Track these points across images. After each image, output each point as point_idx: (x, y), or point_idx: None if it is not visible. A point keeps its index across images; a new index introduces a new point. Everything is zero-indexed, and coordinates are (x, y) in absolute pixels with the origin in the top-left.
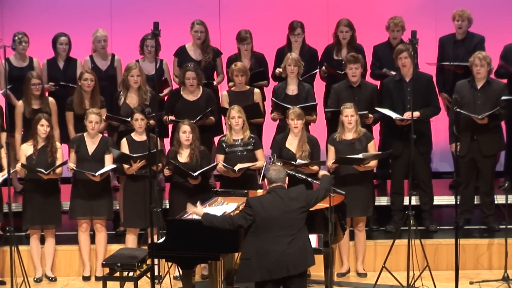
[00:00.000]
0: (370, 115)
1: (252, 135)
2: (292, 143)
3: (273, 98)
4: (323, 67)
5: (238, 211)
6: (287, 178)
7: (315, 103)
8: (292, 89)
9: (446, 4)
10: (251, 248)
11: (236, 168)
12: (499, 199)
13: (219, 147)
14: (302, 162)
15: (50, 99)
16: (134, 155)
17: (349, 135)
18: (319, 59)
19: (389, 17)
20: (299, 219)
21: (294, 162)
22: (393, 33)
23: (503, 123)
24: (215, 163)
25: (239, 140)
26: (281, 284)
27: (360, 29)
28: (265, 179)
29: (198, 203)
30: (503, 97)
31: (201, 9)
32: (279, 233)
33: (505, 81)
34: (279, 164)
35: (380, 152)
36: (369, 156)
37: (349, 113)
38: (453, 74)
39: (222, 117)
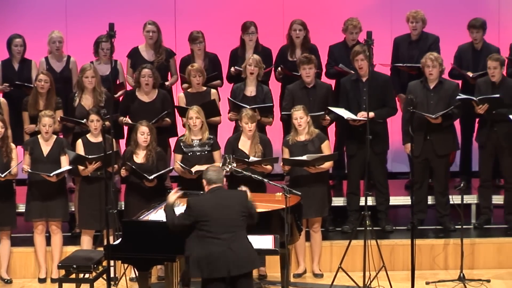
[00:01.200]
0: (327, 117)
1: (210, 136)
2: (244, 144)
3: (230, 98)
4: (279, 69)
5: None
6: (225, 179)
7: (271, 104)
8: (250, 90)
9: (401, 4)
10: (194, 247)
11: (193, 169)
12: (455, 199)
13: (177, 146)
14: (255, 159)
15: (2, 99)
16: (90, 156)
17: (301, 137)
18: (274, 60)
19: (345, 17)
20: (239, 220)
21: (247, 160)
22: (352, 34)
23: (456, 123)
24: (170, 167)
25: (198, 141)
26: (226, 284)
27: (316, 29)
28: (204, 180)
29: (176, 190)
30: (458, 97)
31: (156, 10)
32: (219, 234)
33: (459, 81)
34: (234, 163)
35: (325, 154)
36: (314, 158)
37: (298, 115)
38: (408, 74)
39: (177, 119)
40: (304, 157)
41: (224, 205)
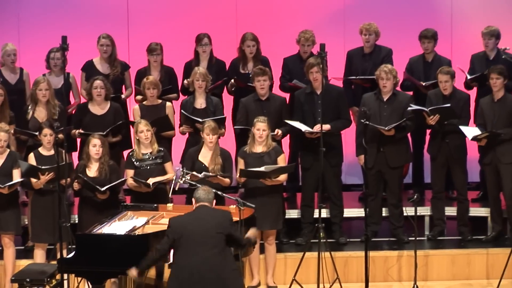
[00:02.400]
0: (279, 132)
1: (160, 148)
2: (205, 156)
3: (182, 111)
4: (232, 81)
5: (148, 225)
6: (214, 201)
7: (223, 116)
8: (200, 102)
9: (354, 16)
10: (174, 260)
11: (150, 182)
12: (408, 211)
13: (128, 162)
14: (209, 174)
15: None
16: (42, 167)
17: (258, 148)
18: (227, 71)
19: (298, 29)
20: (218, 239)
21: (199, 174)
22: (304, 47)
23: (407, 134)
24: (123, 178)
25: (148, 154)
26: None
27: (270, 41)
28: (193, 198)
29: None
30: (410, 108)
31: (109, 23)
32: (192, 248)
33: (410, 93)
34: (188, 176)
35: (283, 165)
36: (272, 169)
37: (261, 127)
38: (362, 87)
39: (131, 132)
40: (262, 168)
41: (201, 221)
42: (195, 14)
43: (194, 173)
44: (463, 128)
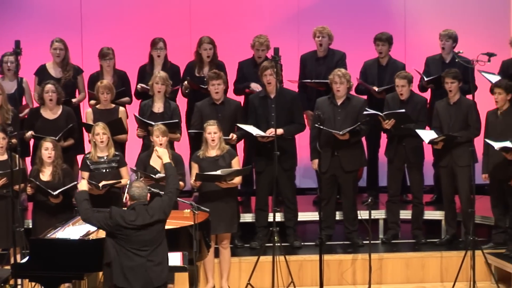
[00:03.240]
0: (234, 137)
1: (116, 153)
2: (156, 160)
3: (136, 115)
4: (185, 82)
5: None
6: (148, 194)
7: (177, 120)
8: (158, 107)
9: (308, 20)
10: (114, 255)
11: (101, 184)
12: (363, 214)
13: (84, 164)
14: (163, 175)
15: None
16: None
17: (212, 152)
18: (181, 76)
19: (253, 34)
20: (158, 233)
21: (154, 176)
22: (258, 51)
23: (364, 138)
24: (75, 182)
25: (104, 157)
26: None
27: (224, 45)
28: (127, 196)
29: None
30: (365, 112)
31: (62, 27)
32: (137, 248)
33: (365, 97)
34: (141, 179)
35: (239, 168)
36: (228, 172)
37: (212, 130)
38: (316, 91)
39: (84, 136)
40: (218, 172)
41: (143, 220)
42: (149, 18)
43: (146, 174)
44: (419, 132)
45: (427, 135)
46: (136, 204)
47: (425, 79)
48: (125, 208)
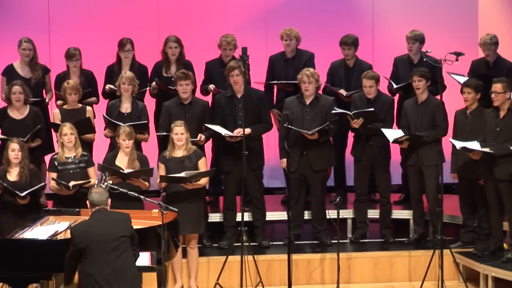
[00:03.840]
0: (202, 137)
1: (84, 153)
2: (122, 161)
3: (105, 115)
4: (153, 83)
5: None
6: (109, 200)
7: (146, 121)
8: (125, 107)
9: (276, 20)
10: (82, 268)
11: (71, 184)
12: (331, 214)
13: (51, 165)
14: (130, 170)
15: None
16: None
17: (179, 153)
18: (149, 76)
19: (220, 33)
20: (122, 243)
21: (122, 171)
22: (225, 51)
23: (332, 138)
24: (43, 183)
25: (72, 158)
26: None
27: (191, 45)
28: (87, 202)
29: None
30: (333, 111)
31: (30, 26)
32: (100, 257)
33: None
34: (110, 180)
35: (202, 171)
36: (192, 174)
37: (179, 131)
38: (284, 91)
39: (53, 136)
40: (182, 174)
41: (103, 227)
42: (117, 18)
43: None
44: (384, 131)
45: (392, 134)
46: (96, 211)
47: (394, 86)
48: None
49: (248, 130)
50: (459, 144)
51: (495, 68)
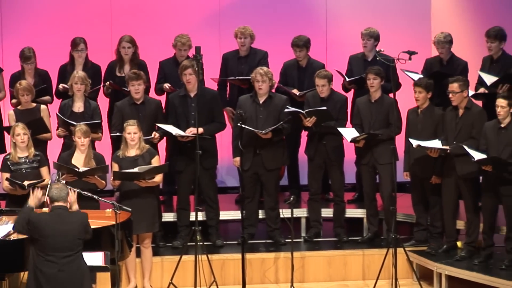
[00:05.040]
0: (156, 135)
1: (37, 152)
2: (78, 160)
3: (58, 114)
4: (107, 83)
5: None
6: (69, 196)
7: (99, 120)
8: (78, 106)
9: (229, 18)
10: (32, 261)
11: (26, 183)
12: (285, 213)
13: (4, 165)
14: (86, 168)
15: None
16: None
17: (132, 152)
18: (103, 75)
19: (175, 33)
20: (76, 243)
21: (78, 169)
22: (180, 51)
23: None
24: None
25: (24, 158)
26: None
27: (145, 44)
28: (47, 197)
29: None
30: (286, 109)
31: None
32: (52, 254)
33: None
34: (63, 180)
35: (155, 165)
36: (145, 169)
37: (132, 131)
38: (238, 89)
39: (5, 136)
40: (136, 169)
41: (62, 227)
42: (70, 17)
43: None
44: (341, 130)
45: (348, 133)
46: (55, 207)
47: (347, 79)
48: (45, 211)
49: (200, 130)
50: (417, 143)
51: (449, 67)
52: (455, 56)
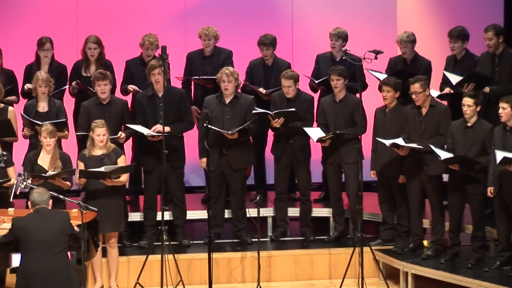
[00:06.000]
0: (122, 135)
1: (4, 153)
2: (44, 160)
3: (23, 114)
4: (73, 83)
5: None
6: (50, 200)
7: (65, 119)
8: (42, 106)
9: (195, 17)
10: (21, 264)
11: None
12: (251, 212)
13: None
14: (53, 172)
15: None
16: None
17: (98, 151)
18: (69, 75)
19: (140, 32)
20: (61, 240)
21: (44, 174)
22: (148, 51)
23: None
24: None
25: None
26: None
27: (111, 44)
28: (29, 202)
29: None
30: (254, 111)
31: None
32: (39, 253)
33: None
34: (29, 180)
35: (122, 165)
36: (112, 169)
37: (101, 133)
38: (202, 88)
39: None
40: (102, 169)
41: (46, 224)
42: (36, 16)
43: (35, 174)
44: (307, 130)
45: (315, 133)
46: (37, 209)
47: (316, 81)
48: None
49: (167, 128)
50: (388, 141)
51: (412, 66)
52: (418, 55)
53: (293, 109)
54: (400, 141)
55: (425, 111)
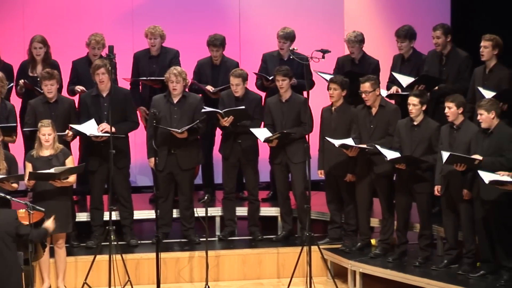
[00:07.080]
0: (70, 133)
1: None
2: None
3: None
4: (20, 83)
5: None
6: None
7: (14, 124)
8: None
9: (142, 17)
10: None
11: None
12: (199, 212)
13: None
14: (2, 176)
15: None
16: None
17: (46, 152)
18: (15, 75)
19: (87, 31)
20: (4, 239)
21: None
22: (94, 50)
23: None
24: None
25: None
26: None
27: (58, 44)
28: None
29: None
30: (203, 110)
31: None
32: None
33: (200, 94)
34: None
35: (71, 166)
36: (61, 170)
37: (46, 132)
38: (150, 88)
39: None
40: (52, 170)
41: None
42: None
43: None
44: (254, 131)
45: (261, 133)
46: None
47: (269, 78)
48: None
49: (112, 129)
50: (338, 142)
51: (361, 66)
52: (366, 55)
53: (243, 107)
54: (349, 141)
55: (375, 111)
